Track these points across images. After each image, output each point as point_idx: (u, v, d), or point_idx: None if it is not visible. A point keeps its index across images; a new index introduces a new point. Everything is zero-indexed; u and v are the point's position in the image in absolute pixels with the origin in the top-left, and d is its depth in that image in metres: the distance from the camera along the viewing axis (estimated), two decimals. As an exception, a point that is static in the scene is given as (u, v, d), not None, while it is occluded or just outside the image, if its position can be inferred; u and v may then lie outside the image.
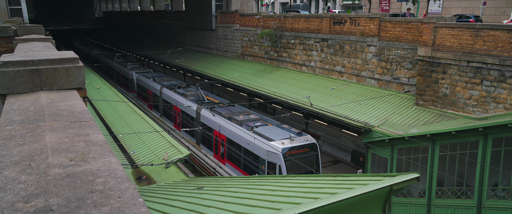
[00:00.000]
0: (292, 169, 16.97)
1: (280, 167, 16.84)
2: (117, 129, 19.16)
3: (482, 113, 16.54)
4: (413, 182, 5.49)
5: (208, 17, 37.98)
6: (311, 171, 17.41)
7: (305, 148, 17.49)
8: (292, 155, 16.90)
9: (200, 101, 24.50)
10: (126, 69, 37.53)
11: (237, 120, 20.47)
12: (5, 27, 10.46)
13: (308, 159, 17.47)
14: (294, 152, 17.06)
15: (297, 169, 16.99)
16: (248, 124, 19.71)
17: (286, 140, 17.60)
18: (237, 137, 19.45)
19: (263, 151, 17.46)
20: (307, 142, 17.77)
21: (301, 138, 17.96)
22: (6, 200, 1.75)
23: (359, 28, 22.90)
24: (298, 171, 16.98)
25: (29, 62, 3.72)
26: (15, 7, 28.68)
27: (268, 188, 6.57)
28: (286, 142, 17.35)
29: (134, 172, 13.15)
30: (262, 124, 19.90)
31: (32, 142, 2.48)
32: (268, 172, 17.40)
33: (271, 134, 18.32)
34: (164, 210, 6.13)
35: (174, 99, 26.81)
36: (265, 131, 18.68)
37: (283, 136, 18.11)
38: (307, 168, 16.87)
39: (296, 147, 17.21)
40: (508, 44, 15.68)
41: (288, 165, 16.81)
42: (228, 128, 20.11)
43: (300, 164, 16.64)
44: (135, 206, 1.75)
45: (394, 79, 21.08)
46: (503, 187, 14.41)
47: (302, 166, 16.69)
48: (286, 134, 18.35)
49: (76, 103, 3.43)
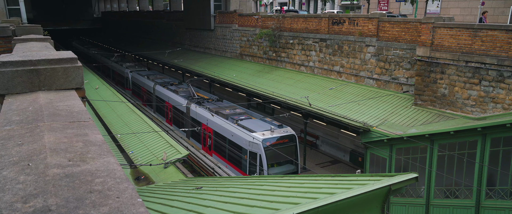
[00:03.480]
0: (272, 158, 18.08)
1: (261, 156, 17.91)
2: (116, 129, 19.14)
3: (481, 113, 16.57)
4: (412, 182, 5.50)
5: (207, 17, 37.96)
6: (290, 160, 18.61)
7: (284, 138, 18.62)
8: (272, 145, 18.02)
9: (190, 98, 25.35)
10: (121, 68, 38.49)
11: (223, 113, 21.47)
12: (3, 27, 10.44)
13: (287, 149, 18.51)
14: (274, 143, 18.18)
15: (277, 158, 18.15)
16: (233, 117, 20.69)
17: (267, 131, 18.64)
18: (223, 130, 20.51)
19: (246, 141, 18.57)
20: (287, 133, 18.86)
21: (281, 130, 19.03)
22: (5, 200, 1.75)
23: (358, 28, 22.92)
24: (278, 160, 18.31)
25: (28, 62, 3.71)
26: (13, 7, 28.63)
27: (266, 188, 6.58)
28: (266, 133, 18.41)
29: (132, 172, 13.15)
30: (246, 118, 20.90)
31: (30, 142, 2.48)
32: (250, 162, 18.52)
33: (254, 126, 19.35)
34: (163, 210, 6.13)
35: (166, 96, 27.82)
36: (248, 124, 19.69)
37: (264, 128, 19.12)
38: (286, 157, 18.07)
39: (276, 138, 18.37)
40: (506, 44, 15.71)
41: (268, 154, 17.87)
42: (215, 121, 21.17)
43: (280, 153, 17.79)
44: (134, 206, 1.75)
45: (393, 79, 21.11)
46: (501, 187, 14.43)
47: (281, 155, 17.87)
48: (268, 126, 19.40)
49: (75, 104, 3.43)
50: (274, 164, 18.52)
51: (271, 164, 18.42)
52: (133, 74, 35.73)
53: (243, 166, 19.31)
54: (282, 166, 18.90)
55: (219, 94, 33.94)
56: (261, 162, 17.96)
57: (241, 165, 19.45)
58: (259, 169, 18.26)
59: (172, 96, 26.98)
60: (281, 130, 19.06)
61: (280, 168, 18.83)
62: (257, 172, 18.36)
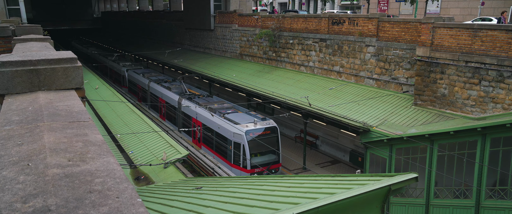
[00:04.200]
0: (254, 148, 19.44)
1: (244, 147, 19.23)
2: (116, 129, 19.14)
3: (481, 113, 16.57)
4: (412, 182, 5.50)
5: (207, 17, 37.95)
6: (272, 150, 19.93)
7: (266, 130, 19.94)
8: (254, 136, 19.34)
9: (182, 94, 26.61)
10: (119, 67, 39.65)
11: (211, 108, 22.69)
12: (3, 27, 10.44)
13: (269, 140, 19.82)
14: (256, 134, 19.49)
15: (259, 148, 19.56)
16: (220, 111, 21.94)
17: (251, 123, 19.93)
18: (210, 123, 21.67)
19: (230, 133, 19.80)
20: (269, 125, 20.19)
21: (264, 122, 20.32)
22: (4, 200, 1.75)
23: (358, 28, 22.92)
24: (260, 150, 19.72)
25: (28, 62, 3.71)
26: (13, 7, 28.62)
27: (266, 188, 6.58)
28: (250, 125, 19.74)
29: (132, 172, 13.14)
30: (233, 111, 22.19)
31: (30, 142, 2.48)
32: (235, 152, 19.81)
33: (239, 119, 20.68)
34: (163, 210, 6.13)
35: (160, 92, 29.05)
36: (233, 117, 21.03)
37: (248, 120, 20.43)
38: (268, 147, 19.46)
39: (258, 129, 19.69)
40: (506, 45, 15.71)
41: (251, 144, 19.21)
42: (204, 115, 22.39)
43: (262, 144, 19.28)
44: (133, 206, 1.75)
45: (393, 79, 21.11)
46: (501, 187, 14.43)
47: (263, 145, 19.33)
48: (252, 119, 20.61)
49: (75, 104, 3.43)
50: (256, 153, 19.79)
51: (254, 154, 19.63)
52: (129, 72, 36.84)
53: (228, 156, 20.40)
54: (264, 155, 20.10)
55: (219, 94, 33.99)
56: (244, 152, 19.29)
57: (227, 155, 20.49)
58: (242, 159, 19.43)
59: (165, 92, 28.14)
60: (264, 122, 20.31)
61: (262, 157, 20.03)
62: (240, 162, 19.53)
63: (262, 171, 19.65)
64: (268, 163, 20.12)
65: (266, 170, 19.83)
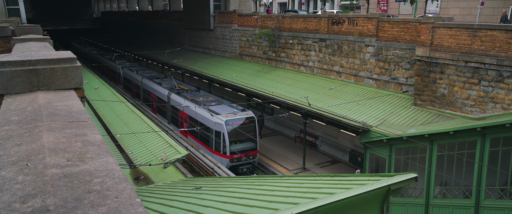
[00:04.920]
0: (233, 136, 21.33)
1: (224, 135, 21.06)
2: (115, 129, 19.13)
3: (480, 113, 16.58)
4: (411, 182, 5.50)
5: (206, 17, 37.94)
6: (250, 138, 21.73)
7: (244, 120, 21.70)
8: (233, 125, 21.16)
9: (172, 89, 28.39)
10: (114, 65, 41.27)
11: (197, 101, 24.57)
12: (2, 27, 10.43)
13: (247, 128, 21.63)
14: (235, 123, 21.29)
15: (237, 136, 21.49)
16: (205, 104, 23.78)
17: (231, 114, 21.82)
18: (195, 114, 23.53)
19: (212, 122, 21.64)
20: (247, 115, 22.01)
21: (242, 113, 22.19)
22: (3, 200, 1.75)
23: (357, 28, 22.93)
24: (239, 138, 21.60)
25: (27, 62, 3.71)
26: (12, 7, 28.61)
27: (266, 188, 6.58)
28: (229, 115, 21.58)
29: (132, 172, 13.14)
30: (216, 104, 24.11)
31: (29, 142, 2.48)
32: (216, 139, 21.58)
33: (221, 110, 22.50)
34: (162, 210, 6.12)
35: (151, 87, 31.08)
36: (216, 108, 22.83)
37: (229, 111, 22.33)
38: (246, 135, 21.28)
39: (237, 119, 21.50)
40: (506, 45, 15.72)
41: (230, 133, 21.10)
42: (190, 107, 24.23)
43: (240, 132, 21.18)
44: (132, 206, 1.75)
45: (392, 79, 21.11)
46: (501, 187, 14.44)
47: (241, 133, 21.23)
48: (232, 110, 22.45)
49: (74, 104, 3.43)
50: (236, 141, 21.63)
51: (233, 142, 21.45)
52: (124, 70, 38.64)
53: (210, 144, 22.18)
54: (242, 143, 21.95)
55: (219, 94, 34.04)
56: (224, 139, 21.13)
57: (209, 144, 22.27)
58: (222, 146, 21.26)
59: (156, 88, 30.14)
60: (242, 113, 22.22)
61: (241, 145, 21.88)
62: (221, 148, 21.39)
63: (241, 157, 21.41)
64: (246, 150, 21.80)
65: (244, 156, 21.51)
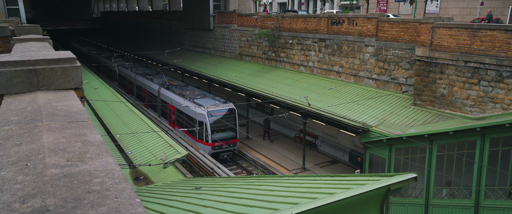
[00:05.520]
0: (215, 126, 23.22)
1: (206, 124, 22.98)
2: (115, 129, 19.13)
3: (480, 113, 16.58)
4: (411, 182, 5.50)
5: (206, 17, 37.93)
6: (231, 128, 23.60)
7: (226, 111, 23.75)
8: (215, 115, 23.10)
9: (162, 84, 30.30)
10: (110, 63, 43.10)
11: (184, 94, 26.38)
12: (2, 27, 10.43)
13: (228, 119, 23.52)
14: (217, 113, 23.28)
15: (219, 125, 23.35)
16: (190, 97, 25.63)
17: (213, 105, 23.72)
18: (181, 106, 25.31)
19: (196, 113, 23.57)
20: (228, 107, 24.01)
21: (224, 104, 24.15)
22: (3, 200, 1.75)
23: (357, 28, 22.93)
24: (220, 127, 23.47)
25: (27, 62, 3.71)
26: (12, 7, 28.60)
27: (266, 188, 6.58)
28: (212, 107, 23.48)
29: (131, 172, 13.14)
30: (201, 97, 25.96)
31: (29, 142, 2.48)
32: (199, 128, 23.41)
33: (204, 102, 24.39)
34: (162, 210, 6.12)
35: (143, 83, 32.98)
36: (200, 101, 24.77)
37: (212, 103, 24.18)
38: (227, 125, 23.14)
39: (219, 110, 23.51)
40: (505, 45, 15.72)
41: (212, 122, 23.04)
42: (177, 100, 26.02)
43: (221, 121, 23.19)
44: (132, 206, 1.75)
45: (392, 79, 21.11)
46: (501, 187, 14.44)
47: (223, 123, 23.19)
48: (215, 102, 24.33)
49: (74, 104, 3.43)
50: (217, 130, 23.48)
51: (215, 131, 23.30)
52: (119, 68, 40.59)
53: (194, 133, 24.02)
54: (224, 132, 23.81)
55: (219, 94, 34.14)
56: (206, 129, 23.01)
57: (193, 133, 24.12)
58: (205, 135, 23.08)
59: (147, 83, 32.13)
60: (224, 104, 24.14)
61: (222, 133, 23.70)
62: (204, 137, 23.23)
63: (222, 145, 23.28)
64: (227, 138, 23.70)
65: (225, 144, 23.38)
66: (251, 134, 27.78)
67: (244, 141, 27.37)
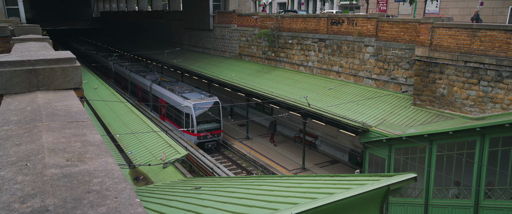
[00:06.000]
0: (200, 117, 25.23)
1: (192, 116, 24.94)
2: (115, 129, 19.13)
3: (480, 113, 16.59)
4: (411, 182, 5.50)
5: (206, 17, 37.93)
6: (215, 119, 25.59)
7: (211, 104, 25.84)
8: (200, 108, 25.20)
9: (154, 80, 32.41)
10: (107, 61, 45.25)
11: (172, 89, 28.46)
12: (2, 27, 10.42)
13: (212, 111, 25.65)
14: (202, 106, 25.36)
15: (204, 117, 25.40)
16: (179, 91, 27.65)
17: (199, 99, 25.84)
18: (171, 100, 27.46)
19: (183, 106, 25.51)
20: (213, 100, 26.10)
21: (209, 98, 26.24)
22: (2, 200, 1.75)
23: (357, 28, 22.93)
24: (205, 119, 25.44)
25: (26, 62, 3.71)
26: (12, 7, 28.59)
27: (265, 188, 6.58)
28: (197, 100, 25.61)
29: (131, 172, 13.14)
30: (189, 91, 27.98)
31: (28, 142, 2.48)
32: (186, 120, 25.44)
33: (191, 96, 26.49)
34: (162, 210, 6.12)
35: (137, 80, 35.18)
36: (187, 95, 26.85)
37: (198, 97, 26.30)
38: (211, 116, 25.35)
39: (204, 103, 25.59)
40: (505, 45, 15.73)
41: (197, 114, 25.06)
42: (167, 95, 28.24)
43: (206, 114, 25.37)
44: (132, 206, 1.75)
45: (392, 79, 21.12)
46: (500, 187, 14.45)
47: (208, 115, 25.38)
48: (201, 96, 26.47)
49: (73, 104, 3.43)
50: (203, 121, 25.36)
51: (200, 122, 25.21)
52: (115, 65, 42.69)
53: (181, 125, 25.90)
54: (209, 123, 25.67)
55: (218, 94, 34.24)
56: (192, 120, 24.95)
57: (181, 124, 26.01)
58: (191, 125, 25.00)
59: (140, 80, 34.26)
60: (209, 98, 26.23)
61: (207, 125, 25.61)
62: (190, 127, 25.07)
63: (206, 136, 25.24)
64: (211, 129, 25.64)
65: (209, 135, 25.31)
66: (251, 134, 27.77)
67: (244, 141, 27.36)
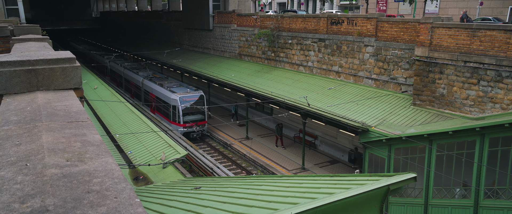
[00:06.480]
0: (186, 109, 27.24)
1: (178, 108, 26.97)
2: (114, 129, 19.12)
3: (479, 113, 16.59)
4: (410, 182, 5.50)
5: (206, 17, 37.92)
6: (200, 111, 27.47)
7: (196, 97, 27.91)
8: (186, 101, 27.29)
9: (146, 76, 34.53)
10: (103, 59, 47.22)
11: (161, 84, 30.72)
12: (1, 27, 10.42)
13: (197, 103, 27.71)
14: (187, 99, 27.42)
15: (189, 109, 27.41)
16: (167, 86, 29.84)
17: (185, 92, 27.95)
18: (160, 94, 29.52)
19: (170, 99, 27.75)
20: (198, 94, 28.24)
21: (194, 92, 28.42)
22: (2, 200, 1.75)
23: (357, 28, 22.93)
24: (191, 111, 27.46)
25: (26, 62, 3.71)
26: (11, 7, 28.59)
27: (265, 188, 6.58)
28: (183, 94, 27.70)
29: (131, 172, 13.13)
30: (176, 86, 30.17)
31: (28, 142, 2.48)
32: (173, 112, 27.47)
33: (178, 90, 28.67)
34: (161, 210, 6.13)
35: (130, 76, 37.38)
36: (175, 89, 28.97)
37: (184, 91, 28.45)
38: (196, 108, 27.37)
39: (189, 96, 27.68)
40: (504, 45, 15.73)
41: (183, 106, 27.07)
42: (156, 89, 30.38)
43: (192, 106, 27.37)
44: (131, 206, 1.75)
45: (391, 79, 21.12)
46: (500, 187, 14.46)
47: (194, 107, 27.43)
48: (187, 90, 28.62)
49: (73, 104, 3.43)
50: (188, 113, 27.33)
51: (186, 114, 27.19)
52: (110, 63, 44.70)
53: (169, 116, 28.01)
54: (193, 115, 27.65)
55: (218, 94, 34.20)
56: (179, 112, 26.93)
57: (168, 116, 28.08)
58: (177, 117, 27.06)
59: (133, 76, 36.42)
60: (194, 92, 28.39)
61: (192, 116, 27.60)
62: (177, 119, 27.16)
63: (192, 126, 27.23)
64: (196, 120, 27.63)
65: (194, 125, 27.36)
66: (251, 134, 27.78)
67: (243, 141, 27.37)
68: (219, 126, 30.01)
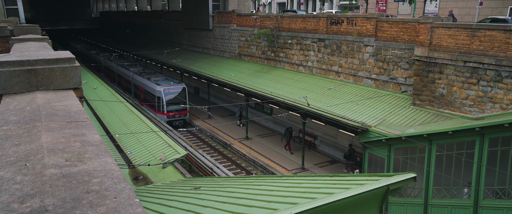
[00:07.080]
0: (169, 100, 30.44)
1: (162, 99, 30.20)
2: (114, 129, 19.12)
3: (479, 113, 16.60)
4: (410, 182, 5.50)
5: (205, 17, 37.92)
6: (182, 101, 30.10)
7: (178, 89, 31.22)
8: (170, 92, 30.50)
9: (136, 72, 37.60)
10: (98, 57, 50.00)
11: (149, 78, 33.81)
12: (1, 27, 10.41)
13: (180, 94, 30.94)
14: (171, 91, 30.65)
15: (172, 100, 30.58)
16: (154, 80, 33.04)
17: (168, 85, 31.18)
18: (147, 87, 32.88)
19: (155, 91, 30.99)
20: (181, 86, 31.61)
21: (178, 84, 31.77)
22: (2, 200, 1.75)
23: (356, 28, 22.93)
24: (174, 102, 30.54)
25: (25, 62, 3.70)
26: (11, 7, 28.57)
27: (265, 188, 6.58)
28: (167, 86, 30.91)
29: (131, 172, 13.13)
30: (162, 80, 33.36)
31: (28, 142, 2.47)
32: (158, 103, 30.66)
33: (163, 83, 31.83)
34: (161, 210, 6.12)
35: (122, 72, 40.94)
36: (160, 82, 32.17)
37: (168, 83, 31.60)
38: (179, 99, 30.37)
39: (172, 88, 30.97)
40: (504, 45, 15.74)
41: (167, 98, 30.30)
42: (144, 83, 33.69)
43: (175, 97, 30.68)
44: (131, 206, 1.75)
45: (391, 79, 21.13)
46: (500, 187, 14.46)
47: (177, 98, 30.58)
48: (171, 83, 31.87)
49: (73, 104, 3.42)
50: (171, 103, 30.37)
51: (169, 104, 30.27)
52: (105, 61, 47.42)
53: (155, 106, 30.99)
54: (176, 105, 30.43)
55: (218, 94, 34.20)
56: (163, 102, 30.14)
57: (154, 107, 31.05)
58: (162, 106, 30.24)
59: (124, 71, 40.07)
60: (178, 84, 31.74)
61: (175, 106, 30.48)
62: (161, 109, 30.40)
63: (174, 115, 30.43)
64: (179, 110, 30.63)
65: (177, 114, 30.61)
66: (250, 134, 27.78)
67: (243, 141, 27.37)
68: (219, 126, 30.02)
